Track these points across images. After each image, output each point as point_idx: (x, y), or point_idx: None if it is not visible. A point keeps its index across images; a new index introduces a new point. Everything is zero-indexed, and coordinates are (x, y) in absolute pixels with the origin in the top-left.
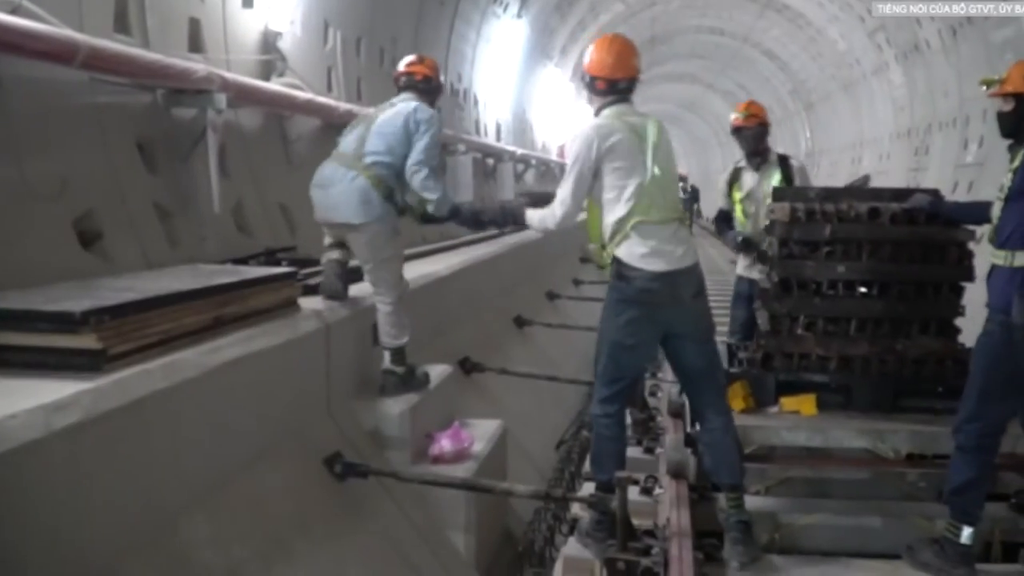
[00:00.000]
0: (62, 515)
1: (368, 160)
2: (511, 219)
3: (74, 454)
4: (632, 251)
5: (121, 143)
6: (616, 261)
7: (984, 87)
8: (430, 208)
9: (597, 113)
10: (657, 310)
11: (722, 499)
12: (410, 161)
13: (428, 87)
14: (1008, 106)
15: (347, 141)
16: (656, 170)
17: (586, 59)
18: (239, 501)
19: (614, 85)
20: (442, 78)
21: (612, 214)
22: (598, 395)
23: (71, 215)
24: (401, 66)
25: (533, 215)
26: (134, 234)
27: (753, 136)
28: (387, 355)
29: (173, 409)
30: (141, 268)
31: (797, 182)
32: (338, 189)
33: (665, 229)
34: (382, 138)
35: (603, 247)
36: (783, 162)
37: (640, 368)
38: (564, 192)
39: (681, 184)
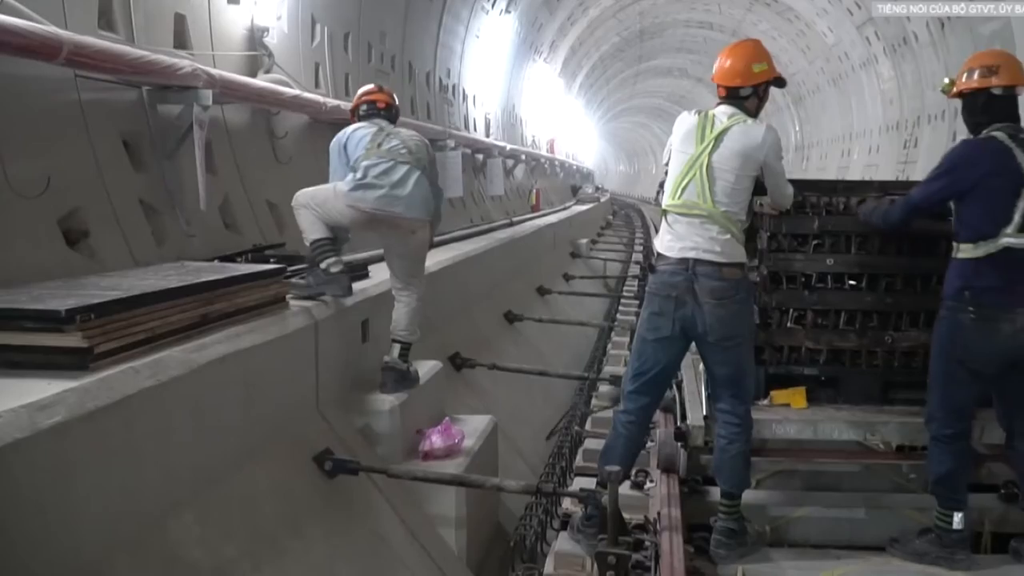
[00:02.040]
0: (48, 515)
1: (422, 163)
2: None
3: (60, 453)
4: (663, 240)
5: (106, 140)
6: (655, 251)
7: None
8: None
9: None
10: (678, 306)
11: (717, 496)
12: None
13: (390, 114)
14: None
15: (395, 146)
16: (704, 159)
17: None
18: (228, 499)
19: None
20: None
21: (664, 200)
22: (623, 390)
23: (56, 213)
24: (368, 96)
25: None
26: (120, 232)
27: None
28: (397, 349)
29: (160, 407)
30: (128, 266)
31: None
32: (412, 188)
33: (692, 220)
34: (420, 148)
35: None
36: None
37: (663, 366)
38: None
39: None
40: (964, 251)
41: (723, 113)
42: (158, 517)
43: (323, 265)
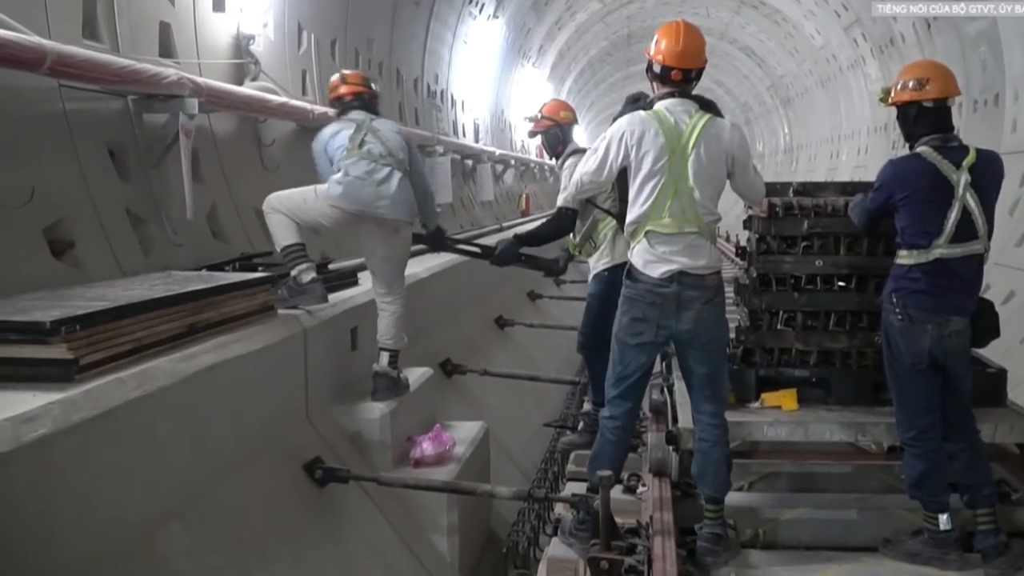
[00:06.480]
0: (33, 528)
1: (403, 165)
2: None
3: (45, 466)
4: (642, 257)
5: (92, 150)
6: (630, 261)
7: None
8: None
9: (650, 105)
10: (662, 313)
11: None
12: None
13: (373, 104)
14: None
15: (375, 145)
16: (683, 173)
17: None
18: (217, 510)
19: (667, 74)
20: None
21: (631, 213)
22: (607, 395)
23: (41, 224)
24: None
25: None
26: (106, 242)
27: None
28: (385, 357)
29: (147, 418)
30: (114, 276)
31: None
32: (396, 187)
33: (678, 240)
34: (399, 146)
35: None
36: None
37: (645, 370)
38: (586, 172)
39: None
40: (901, 257)
41: (680, 112)
42: (145, 528)
43: (294, 272)
